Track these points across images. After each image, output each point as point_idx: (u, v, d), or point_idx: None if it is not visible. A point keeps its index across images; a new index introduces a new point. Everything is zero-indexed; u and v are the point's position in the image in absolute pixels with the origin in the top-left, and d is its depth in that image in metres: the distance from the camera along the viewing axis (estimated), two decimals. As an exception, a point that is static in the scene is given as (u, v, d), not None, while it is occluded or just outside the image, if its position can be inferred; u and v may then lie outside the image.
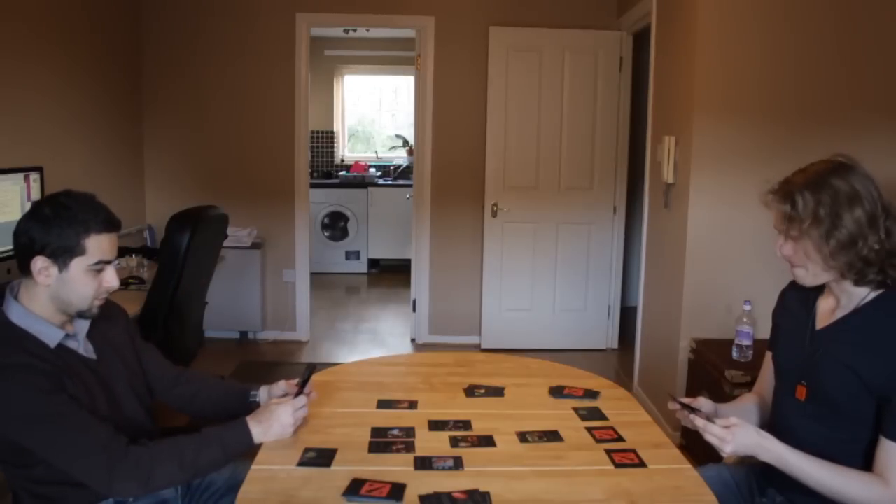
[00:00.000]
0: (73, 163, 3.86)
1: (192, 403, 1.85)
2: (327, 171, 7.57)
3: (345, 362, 2.54)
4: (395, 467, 1.51)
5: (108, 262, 1.56)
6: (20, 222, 1.52)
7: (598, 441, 1.67)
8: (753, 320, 3.00)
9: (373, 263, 7.31)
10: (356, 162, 7.57)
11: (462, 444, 1.64)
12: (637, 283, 4.15)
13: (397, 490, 1.40)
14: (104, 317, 1.65)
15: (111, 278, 1.57)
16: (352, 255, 7.18)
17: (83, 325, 1.62)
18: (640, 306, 4.00)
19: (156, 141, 4.80)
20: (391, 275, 7.17)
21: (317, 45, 6.82)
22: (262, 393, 1.82)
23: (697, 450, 3.12)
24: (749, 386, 2.82)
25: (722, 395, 2.89)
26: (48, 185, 3.26)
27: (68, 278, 1.51)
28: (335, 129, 7.70)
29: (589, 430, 1.73)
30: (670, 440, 1.71)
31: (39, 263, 1.49)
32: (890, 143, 3.21)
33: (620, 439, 1.68)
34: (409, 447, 1.61)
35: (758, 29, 3.14)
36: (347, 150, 7.91)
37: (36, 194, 3.11)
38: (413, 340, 5.03)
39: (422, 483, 1.45)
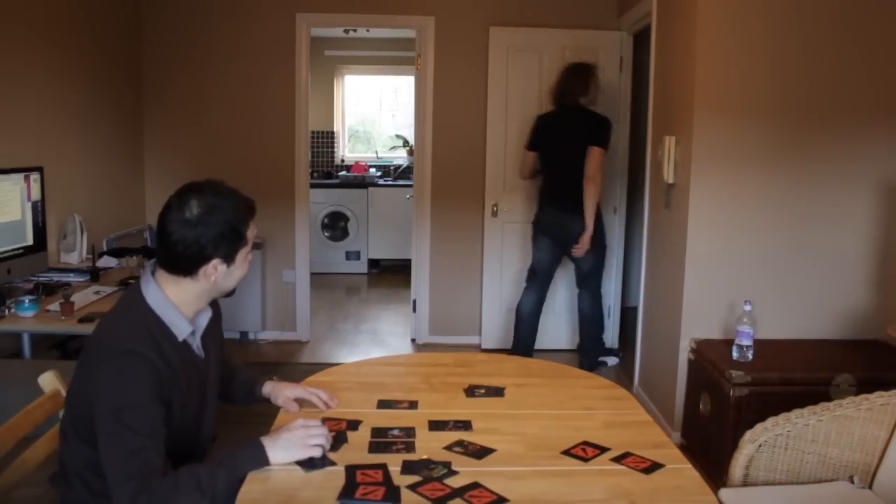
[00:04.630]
0: (73, 163, 3.86)
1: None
2: (327, 171, 7.57)
3: (345, 362, 2.54)
4: (395, 467, 1.51)
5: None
6: (178, 231, 1.48)
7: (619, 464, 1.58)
8: (753, 320, 3.00)
9: (373, 263, 7.31)
10: (356, 162, 7.57)
11: (462, 444, 1.64)
12: (637, 283, 4.15)
13: (392, 493, 1.40)
14: (214, 315, 1.68)
15: (250, 254, 1.62)
16: (352, 255, 7.17)
17: (202, 322, 1.63)
18: (641, 306, 4.00)
19: (156, 141, 4.80)
20: (391, 275, 7.17)
21: (317, 45, 6.82)
22: (267, 387, 1.84)
23: (697, 450, 3.12)
24: (750, 386, 2.83)
25: (722, 395, 2.89)
26: (48, 185, 3.26)
27: (234, 269, 1.56)
28: (335, 130, 7.70)
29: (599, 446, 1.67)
30: (670, 440, 1.71)
31: (213, 265, 1.51)
32: (893, 142, 3.21)
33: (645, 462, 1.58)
34: (410, 447, 1.61)
35: (758, 29, 3.14)
36: (347, 151, 7.91)
37: (36, 194, 3.12)
38: (413, 340, 5.03)
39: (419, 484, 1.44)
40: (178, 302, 1.54)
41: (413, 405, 1.86)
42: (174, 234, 1.49)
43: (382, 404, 1.86)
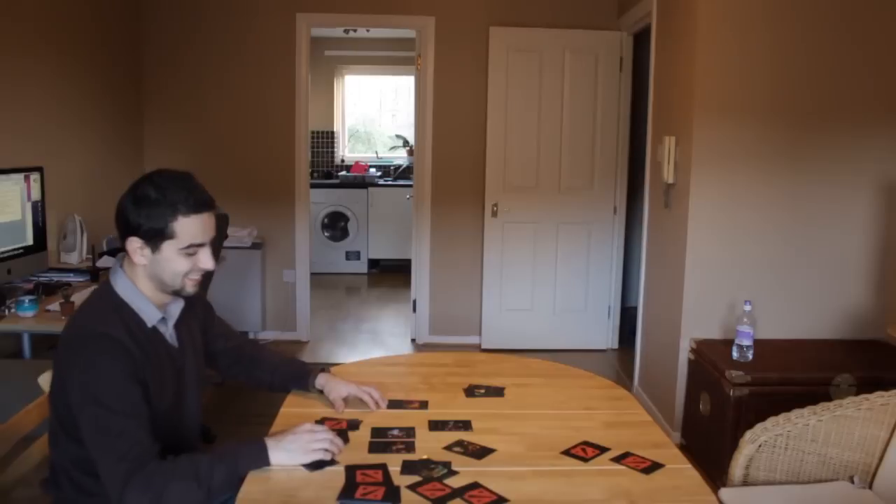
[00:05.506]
0: (73, 163, 3.86)
1: (244, 378, 1.91)
2: (327, 171, 7.57)
3: (345, 362, 2.54)
4: (395, 467, 1.51)
5: (201, 245, 1.54)
6: (120, 200, 1.52)
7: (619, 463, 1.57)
8: (753, 320, 3.00)
9: (373, 263, 7.31)
10: (356, 162, 7.57)
11: (462, 444, 1.64)
12: (637, 283, 4.15)
13: (392, 493, 1.40)
14: (189, 305, 1.67)
15: (205, 260, 1.55)
16: (352, 256, 7.17)
17: (174, 311, 1.63)
18: (641, 306, 4.00)
19: (156, 141, 4.80)
20: (391, 275, 7.17)
21: (317, 45, 6.82)
22: (321, 379, 1.85)
23: (697, 450, 3.12)
24: (750, 386, 2.83)
25: (722, 395, 2.89)
26: (48, 185, 3.26)
27: (161, 259, 1.51)
28: (335, 130, 7.70)
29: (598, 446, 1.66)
30: (670, 440, 1.71)
31: (134, 244, 1.50)
32: (893, 142, 3.21)
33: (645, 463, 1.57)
34: (410, 447, 1.61)
35: (758, 28, 3.14)
36: (347, 151, 7.91)
37: (36, 194, 3.12)
38: (413, 340, 5.03)
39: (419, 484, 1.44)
40: (142, 288, 1.55)
41: (424, 405, 1.85)
42: (118, 203, 1.52)
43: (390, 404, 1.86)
